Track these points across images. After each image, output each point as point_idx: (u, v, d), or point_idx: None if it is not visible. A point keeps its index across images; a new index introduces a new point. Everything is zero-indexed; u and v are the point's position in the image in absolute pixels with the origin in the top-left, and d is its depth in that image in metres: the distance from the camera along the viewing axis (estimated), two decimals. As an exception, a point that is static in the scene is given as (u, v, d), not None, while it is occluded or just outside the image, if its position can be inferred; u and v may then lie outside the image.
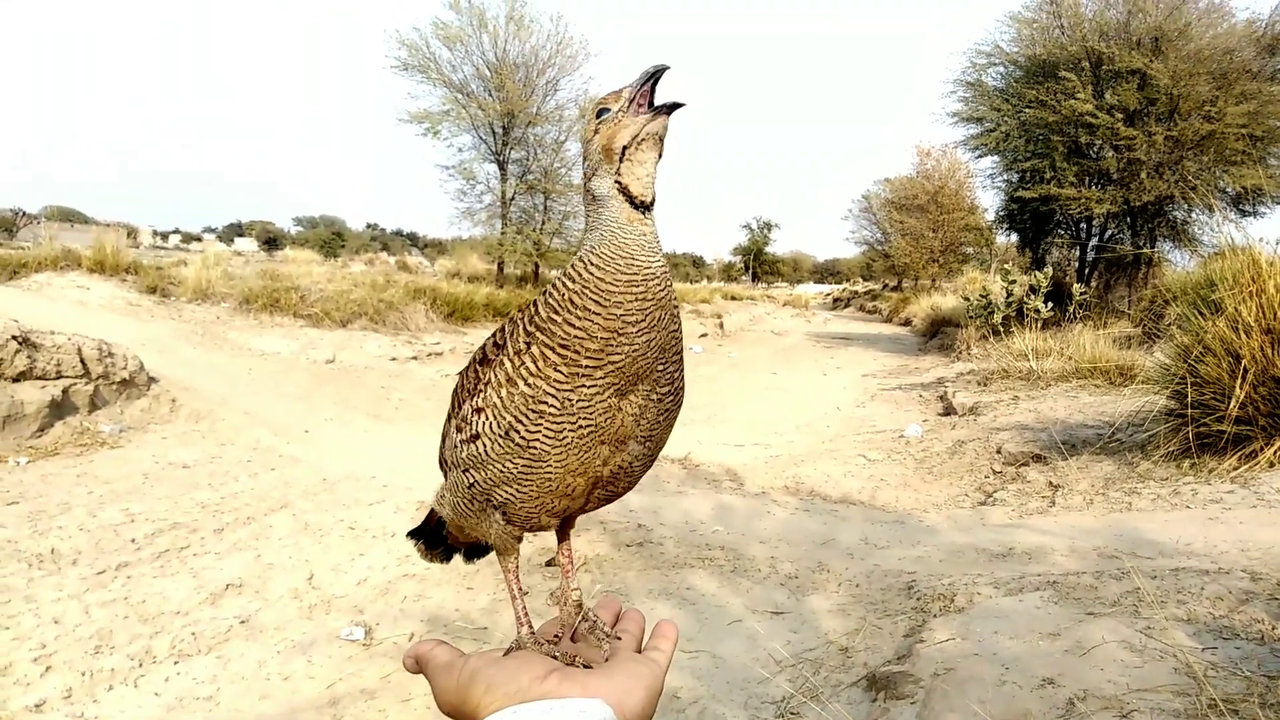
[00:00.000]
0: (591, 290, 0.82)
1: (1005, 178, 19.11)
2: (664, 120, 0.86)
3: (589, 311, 0.81)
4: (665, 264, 0.85)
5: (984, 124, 17.96)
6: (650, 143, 0.86)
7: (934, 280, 38.21)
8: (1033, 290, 13.94)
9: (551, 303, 0.84)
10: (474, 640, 3.79)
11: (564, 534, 1.03)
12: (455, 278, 20.84)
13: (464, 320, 16.76)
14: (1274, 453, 5.10)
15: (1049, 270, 14.71)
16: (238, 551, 4.78)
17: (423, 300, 15.93)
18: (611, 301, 0.81)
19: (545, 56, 21.62)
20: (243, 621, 3.98)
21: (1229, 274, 5.71)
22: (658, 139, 0.86)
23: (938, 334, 19.92)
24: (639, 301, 0.82)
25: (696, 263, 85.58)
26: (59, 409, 6.78)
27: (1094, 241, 17.83)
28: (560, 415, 0.83)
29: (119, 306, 12.78)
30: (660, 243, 0.86)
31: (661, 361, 0.86)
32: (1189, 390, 5.55)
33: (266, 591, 4.32)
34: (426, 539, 1.24)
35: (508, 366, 0.86)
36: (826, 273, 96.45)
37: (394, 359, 12.87)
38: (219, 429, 7.45)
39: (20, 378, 6.62)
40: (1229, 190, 15.60)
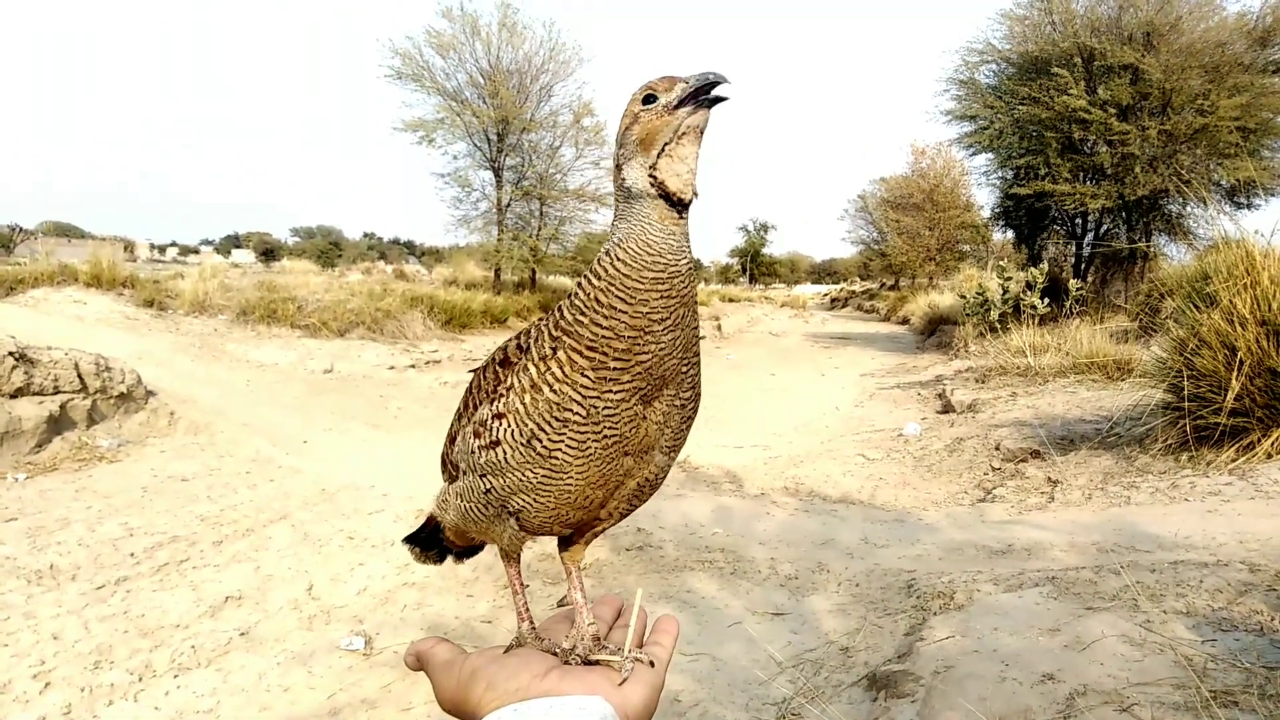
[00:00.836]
0: (618, 288, 0.80)
1: (1000, 175, 19.12)
2: (706, 113, 0.83)
3: (615, 310, 0.79)
4: (690, 261, 0.84)
5: (978, 121, 17.98)
6: (692, 136, 0.83)
7: (931, 278, 38.25)
8: (1029, 286, 13.97)
9: (577, 304, 0.82)
10: (475, 647, 3.78)
11: (574, 555, 0.99)
12: (452, 285, 20.85)
13: (462, 328, 16.77)
14: (1271, 444, 5.10)
15: (1045, 266, 14.73)
16: (237, 563, 4.77)
17: (420, 308, 15.93)
18: (638, 299, 0.79)
19: (539, 63, 21.65)
20: (242, 633, 3.98)
21: (1223, 267, 5.71)
22: (699, 132, 0.83)
23: (935, 332, 19.94)
24: (665, 299, 0.81)
25: (693, 266, 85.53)
26: (57, 424, 6.77)
27: (1089, 237, 17.83)
28: (584, 424, 0.82)
29: (116, 320, 12.77)
30: (689, 240, 0.84)
31: (686, 363, 0.85)
32: (1186, 383, 5.55)
33: (266, 603, 4.32)
34: (422, 543, 1.23)
35: (532, 372, 0.84)
36: (824, 273, 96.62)
37: (392, 367, 12.86)
38: (217, 441, 7.44)
39: (18, 394, 6.61)
40: (1223, 183, 15.60)
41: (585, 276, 0.83)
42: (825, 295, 58.19)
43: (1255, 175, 14.81)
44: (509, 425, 0.85)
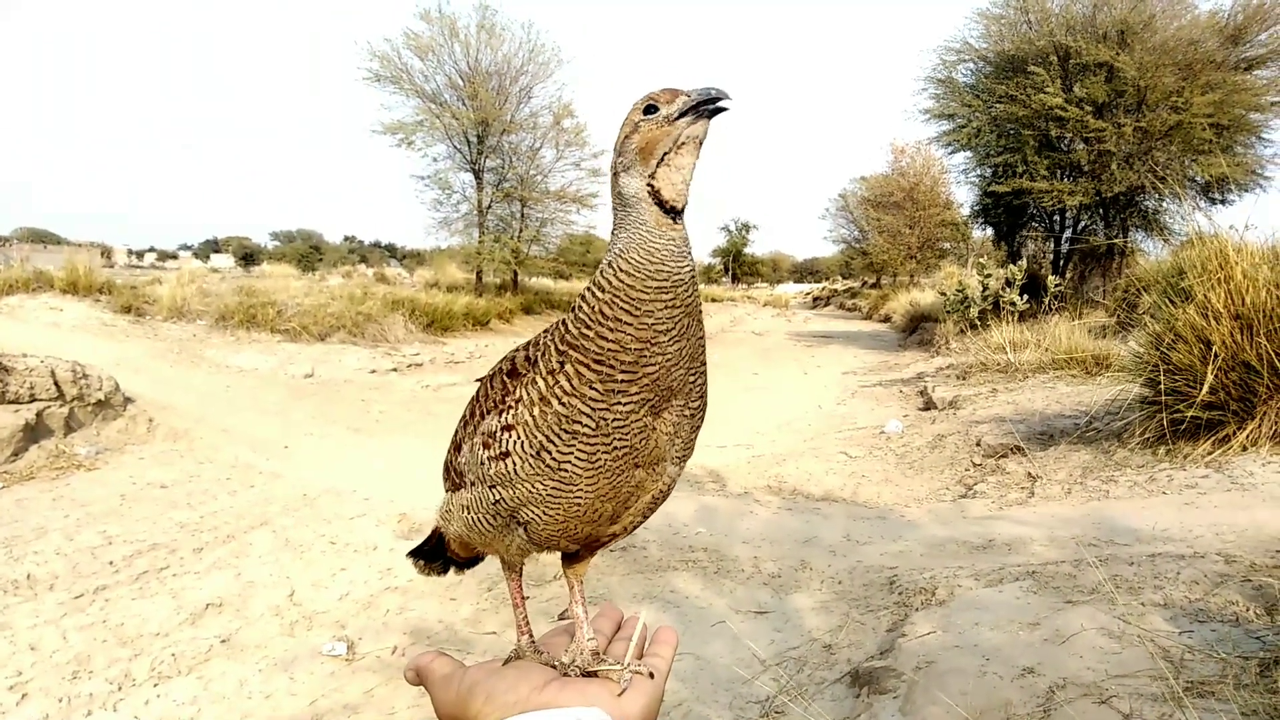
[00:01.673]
0: (622, 299, 0.80)
1: (979, 173, 19.26)
2: (706, 124, 0.84)
3: (620, 322, 0.79)
4: (694, 269, 0.84)
5: (956, 120, 18.10)
6: (691, 146, 0.83)
7: (912, 276, 38.44)
8: (1009, 283, 14.10)
9: (582, 318, 0.82)
10: (458, 651, 3.77)
11: (578, 570, 0.99)
12: (434, 288, 20.78)
13: (443, 330, 16.70)
14: (1246, 436, 5.17)
15: (1024, 263, 14.88)
16: (218, 570, 4.73)
17: (401, 311, 15.87)
18: (643, 310, 0.79)
19: (518, 64, 21.65)
20: (223, 641, 3.94)
21: (1198, 262, 5.78)
22: (698, 143, 0.84)
23: (917, 329, 20.05)
24: (669, 309, 0.80)
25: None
26: (33, 432, 6.69)
27: (1068, 233, 18.00)
28: (594, 436, 0.81)
29: (93, 327, 12.65)
30: (690, 248, 0.84)
31: (693, 372, 0.85)
32: (1162, 378, 5.61)
33: (247, 610, 4.28)
34: (426, 555, 1.22)
35: (540, 385, 0.84)
36: (806, 272, 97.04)
37: (373, 371, 12.80)
38: (197, 447, 7.38)
39: (-8, 402, 6.53)
40: (1198, 179, 15.78)
41: (589, 289, 0.83)
42: (807, 294, 58.36)
43: (1229, 171, 15.00)
44: (518, 437, 0.85)
